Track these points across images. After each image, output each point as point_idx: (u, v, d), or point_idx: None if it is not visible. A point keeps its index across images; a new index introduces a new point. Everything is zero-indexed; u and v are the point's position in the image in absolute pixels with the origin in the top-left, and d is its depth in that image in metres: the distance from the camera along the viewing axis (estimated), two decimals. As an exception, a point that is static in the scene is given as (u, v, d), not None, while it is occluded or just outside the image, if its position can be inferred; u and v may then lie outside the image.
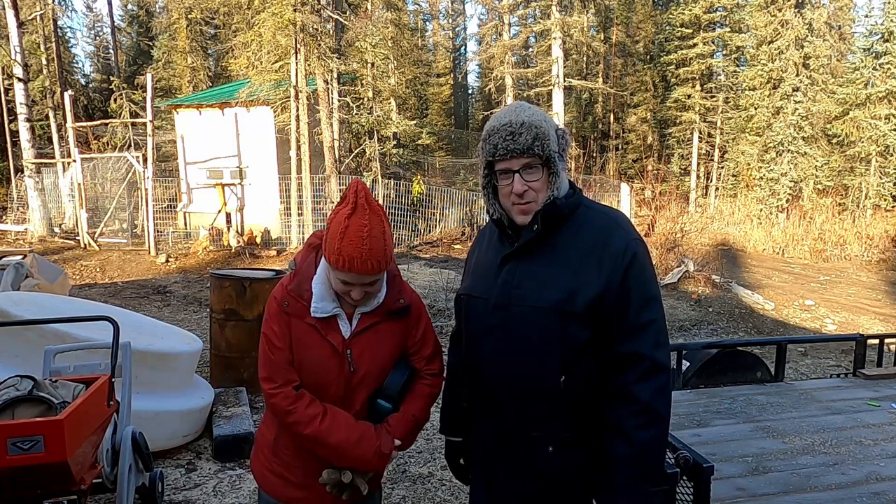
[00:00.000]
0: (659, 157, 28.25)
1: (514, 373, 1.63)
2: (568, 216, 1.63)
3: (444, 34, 43.43)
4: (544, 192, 1.61)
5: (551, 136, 1.60)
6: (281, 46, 15.39)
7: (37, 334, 3.60)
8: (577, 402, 1.61)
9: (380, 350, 1.78)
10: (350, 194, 1.64)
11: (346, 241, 1.60)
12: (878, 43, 20.64)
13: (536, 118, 1.60)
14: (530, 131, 1.56)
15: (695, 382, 4.01)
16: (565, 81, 23.71)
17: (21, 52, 15.21)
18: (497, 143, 1.59)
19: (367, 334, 1.76)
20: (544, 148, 1.58)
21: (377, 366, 1.78)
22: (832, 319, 10.83)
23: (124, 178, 15.53)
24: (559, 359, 1.58)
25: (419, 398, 1.86)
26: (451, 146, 34.96)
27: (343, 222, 1.62)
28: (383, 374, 1.80)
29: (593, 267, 1.57)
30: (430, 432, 4.84)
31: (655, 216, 15.35)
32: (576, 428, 1.63)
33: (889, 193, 20.03)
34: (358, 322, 1.75)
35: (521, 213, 1.64)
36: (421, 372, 1.88)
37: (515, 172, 1.60)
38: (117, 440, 3.05)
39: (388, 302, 1.78)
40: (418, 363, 1.88)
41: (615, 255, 1.57)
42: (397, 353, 1.83)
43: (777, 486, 2.53)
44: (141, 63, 33.76)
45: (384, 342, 1.78)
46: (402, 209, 17.46)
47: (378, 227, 1.63)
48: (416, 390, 1.86)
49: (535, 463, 1.64)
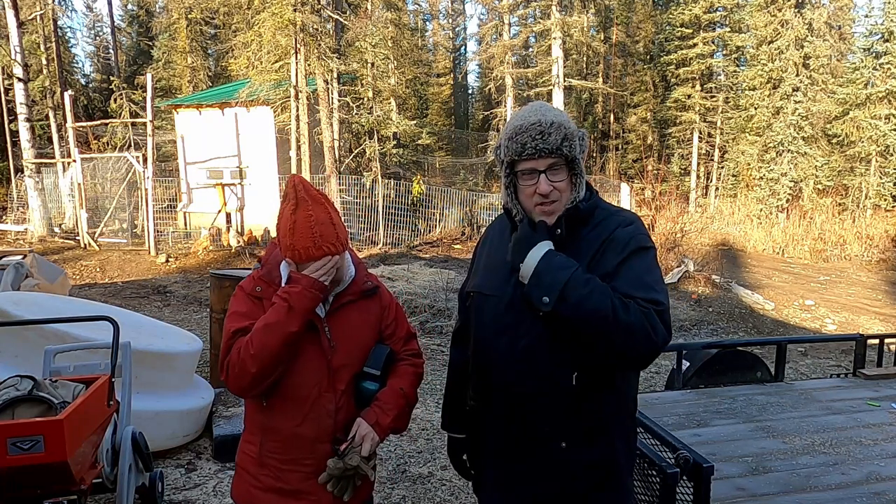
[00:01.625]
0: (659, 157, 28.25)
1: (527, 372, 1.63)
2: (586, 218, 1.64)
3: (444, 34, 43.43)
4: (568, 192, 1.62)
5: (577, 137, 1.60)
6: (281, 46, 15.40)
7: (37, 334, 3.59)
8: (590, 399, 1.61)
9: (356, 326, 1.82)
10: (290, 191, 1.72)
11: (296, 235, 1.68)
12: (878, 43, 20.65)
13: (563, 118, 1.61)
14: (559, 131, 1.57)
15: (695, 382, 4.01)
16: (565, 81, 23.73)
17: (21, 52, 15.21)
18: (525, 143, 1.58)
19: (343, 311, 1.81)
20: (572, 148, 1.58)
21: (356, 341, 1.81)
22: (832, 319, 10.83)
23: (124, 178, 15.52)
24: (571, 358, 1.58)
25: (404, 375, 1.88)
26: (451, 146, 34.98)
27: (290, 218, 1.70)
28: (363, 353, 1.82)
29: (599, 259, 1.58)
30: (430, 432, 4.83)
31: (655, 216, 15.33)
32: (589, 424, 1.63)
33: (889, 193, 20.03)
34: (332, 301, 1.80)
35: (545, 214, 1.63)
36: (400, 353, 1.91)
37: (541, 173, 1.59)
38: (117, 440, 3.05)
39: (357, 281, 1.86)
40: (395, 345, 1.91)
41: (620, 243, 1.58)
42: (374, 334, 1.87)
43: (777, 486, 2.53)
44: (141, 63, 33.78)
45: (360, 319, 1.83)
46: (402, 209, 17.46)
47: (323, 214, 1.71)
48: (399, 369, 1.89)
49: (553, 460, 1.65)
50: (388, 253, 14.91)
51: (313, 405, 1.75)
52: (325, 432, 1.76)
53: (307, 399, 1.74)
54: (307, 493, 1.76)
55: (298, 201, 1.70)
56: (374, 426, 1.76)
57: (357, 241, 15.88)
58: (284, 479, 1.77)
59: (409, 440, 4.73)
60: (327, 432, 1.76)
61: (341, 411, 1.77)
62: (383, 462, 4.32)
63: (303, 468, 1.76)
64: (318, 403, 1.75)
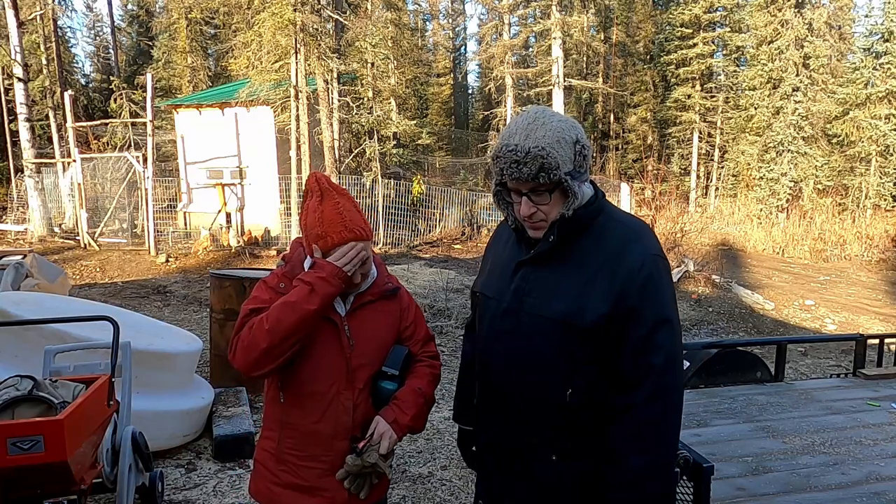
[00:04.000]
0: (659, 157, 28.25)
1: (520, 380, 1.62)
2: (587, 226, 1.57)
3: (444, 34, 43.42)
4: (556, 210, 1.55)
5: (561, 160, 1.49)
6: (281, 46, 15.39)
7: (37, 334, 3.59)
8: (581, 415, 1.57)
9: (376, 326, 1.83)
10: (312, 185, 1.77)
11: (325, 222, 1.72)
12: (878, 43, 20.65)
13: (545, 141, 1.48)
14: (535, 162, 1.47)
15: (695, 382, 4.00)
16: (565, 81, 23.72)
17: (21, 52, 15.20)
18: (503, 169, 1.53)
19: (363, 311, 1.82)
20: (551, 177, 1.49)
21: (375, 341, 1.82)
22: (832, 319, 10.83)
23: (124, 178, 15.51)
24: (563, 370, 1.55)
25: (422, 376, 1.89)
26: (451, 146, 34.98)
27: (317, 209, 1.73)
28: (381, 353, 1.83)
29: (605, 281, 1.51)
30: (429, 432, 4.84)
31: (655, 216, 15.32)
32: (577, 440, 1.59)
33: (889, 193, 20.04)
34: (353, 301, 1.82)
35: (532, 230, 1.61)
36: (418, 355, 1.93)
37: (524, 194, 1.55)
38: (117, 440, 3.05)
39: (378, 282, 1.87)
40: (414, 346, 1.92)
41: (629, 271, 1.50)
42: (393, 335, 1.88)
43: (777, 486, 2.53)
44: (141, 63, 33.79)
45: (379, 320, 1.85)
46: (402, 209, 17.46)
47: (349, 202, 1.76)
48: (417, 370, 1.90)
49: (534, 469, 1.63)
50: (388, 253, 14.91)
51: (331, 402, 1.76)
52: (342, 429, 1.77)
53: (325, 396, 1.76)
54: (324, 489, 1.77)
55: (323, 193, 1.75)
56: (392, 424, 1.77)
57: (357, 241, 15.84)
58: (302, 475, 1.78)
59: (409, 440, 4.73)
60: (345, 429, 1.77)
61: (359, 409, 1.79)
62: (383, 462, 4.32)
63: (320, 464, 1.77)
64: (336, 400, 1.76)
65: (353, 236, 1.72)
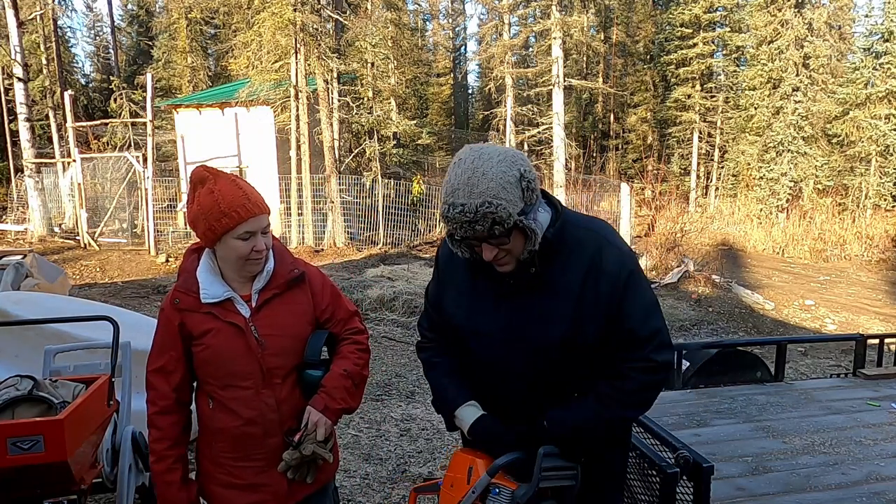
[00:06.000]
0: (659, 157, 28.23)
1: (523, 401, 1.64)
2: (559, 244, 1.56)
3: (444, 34, 43.41)
4: (520, 246, 1.50)
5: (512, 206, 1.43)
6: (281, 46, 15.39)
7: (37, 334, 3.59)
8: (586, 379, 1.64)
9: (286, 320, 1.80)
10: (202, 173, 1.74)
11: (224, 202, 1.68)
12: (878, 43, 20.64)
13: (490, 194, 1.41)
14: (486, 219, 1.41)
15: (695, 382, 4.01)
16: (565, 81, 23.67)
17: (21, 52, 15.21)
18: (455, 228, 1.47)
19: (269, 308, 1.79)
20: (506, 226, 1.44)
21: (287, 336, 1.79)
22: (832, 319, 10.83)
23: (124, 177, 15.52)
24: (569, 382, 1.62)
25: (346, 356, 1.86)
26: (451, 146, 34.92)
27: (212, 191, 1.69)
28: (300, 345, 1.81)
29: (592, 291, 1.54)
30: (430, 432, 4.84)
31: (655, 216, 15.35)
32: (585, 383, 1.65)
33: (889, 193, 20.03)
34: (257, 299, 1.79)
35: (500, 267, 1.55)
36: (341, 334, 1.90)
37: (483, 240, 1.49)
38: (117, 440, 3.04)
39: (280, 273, 1.82)
40: (335, 328, 1.89)
41: (612, 276, 1.54)
42: (308, 324, 1.85)
43: (777, 486, 2.53)
44: (141, 63, 33.78)
45: (288, 312, 1.81)
46: (402, 209, 17.45)
47: (239, 181, 1.75)
48: (342, 351, 1.88)
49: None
50: (388, 253, 14.91)
51: (254, 404, 1.76)
52: (272, 427, 1.77)
53: (246, 399, 1.76)
54: (263, 485, 1.79)
55: (214, 176, 1.72)
56: (323, 412, 1.76)
57: (357, 240, 15.89)
58: (239, 475, 1.80)
59: (409, 440, 4.73)
60: (274, 427, 1.77)
61: (285, 404, 1.78)
62: (383, 462, 4.32)
63: (255, 463, 1.78)
64: (257, 400, 1.76)
65: (259, 210, 1.71)
